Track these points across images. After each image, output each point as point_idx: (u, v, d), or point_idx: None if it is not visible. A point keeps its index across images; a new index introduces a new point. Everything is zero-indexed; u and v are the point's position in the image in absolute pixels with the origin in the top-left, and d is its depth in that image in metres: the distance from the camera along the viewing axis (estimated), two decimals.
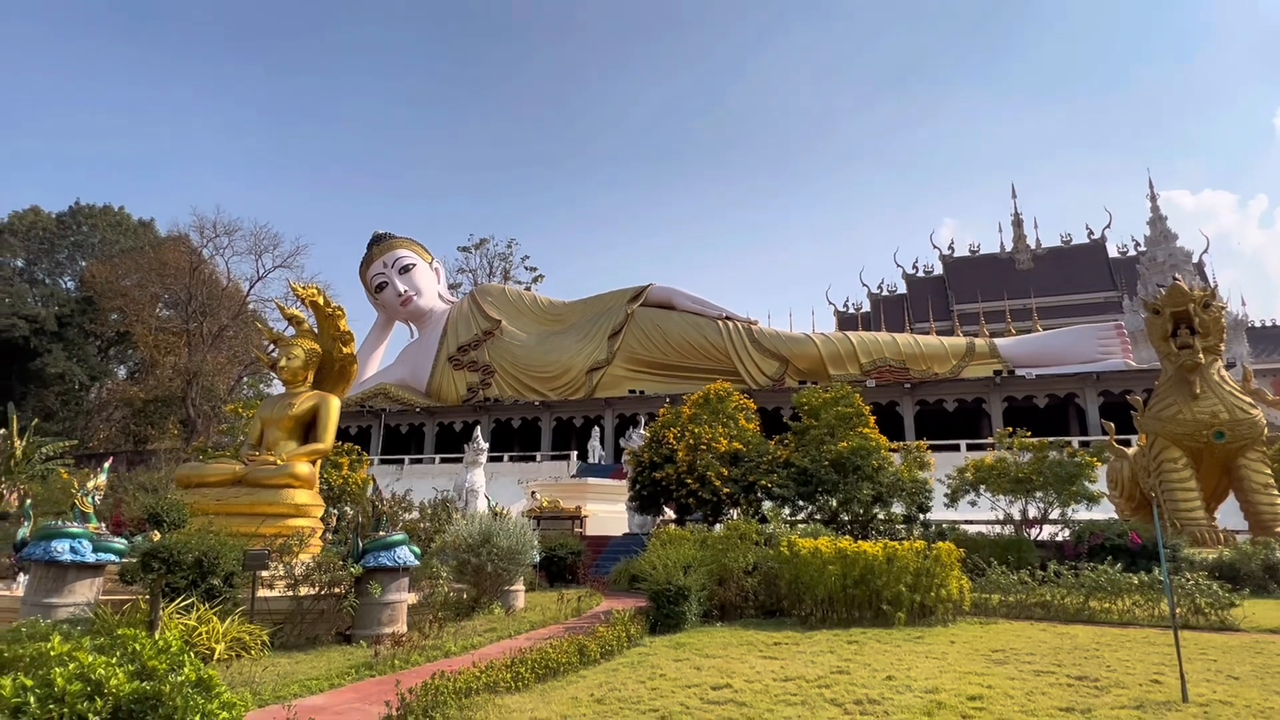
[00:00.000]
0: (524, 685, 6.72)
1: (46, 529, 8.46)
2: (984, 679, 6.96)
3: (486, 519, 13.27)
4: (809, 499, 17.82)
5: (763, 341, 40.46)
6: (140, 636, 3.36)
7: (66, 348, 55.52)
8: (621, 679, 7.13)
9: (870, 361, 38.47)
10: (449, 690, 5.91)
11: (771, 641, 9.24)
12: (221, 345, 54.60)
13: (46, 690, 2.84)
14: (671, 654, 8.52)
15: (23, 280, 59.95)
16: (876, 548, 11.17)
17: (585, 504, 24.05)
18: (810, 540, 11.73)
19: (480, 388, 45.47)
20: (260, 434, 13.12)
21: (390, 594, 9.63)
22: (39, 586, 8.14)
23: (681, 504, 19.06)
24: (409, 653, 8.22)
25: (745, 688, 6.67)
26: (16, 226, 60.57)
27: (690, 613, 10.67)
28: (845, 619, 10.82)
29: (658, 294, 44.74)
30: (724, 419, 19.95)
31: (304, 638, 9.31)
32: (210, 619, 8.20)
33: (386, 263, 50.36)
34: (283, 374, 13.38)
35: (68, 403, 55.61)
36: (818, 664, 7.76)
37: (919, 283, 56.64)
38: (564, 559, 17.69)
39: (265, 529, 11.09)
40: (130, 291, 54.10)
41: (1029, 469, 18.04)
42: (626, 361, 42.72)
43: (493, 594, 12.19)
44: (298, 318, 14.01)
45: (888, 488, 17.41)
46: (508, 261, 71.68)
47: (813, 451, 18.05)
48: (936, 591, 10.83)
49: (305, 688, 6.81)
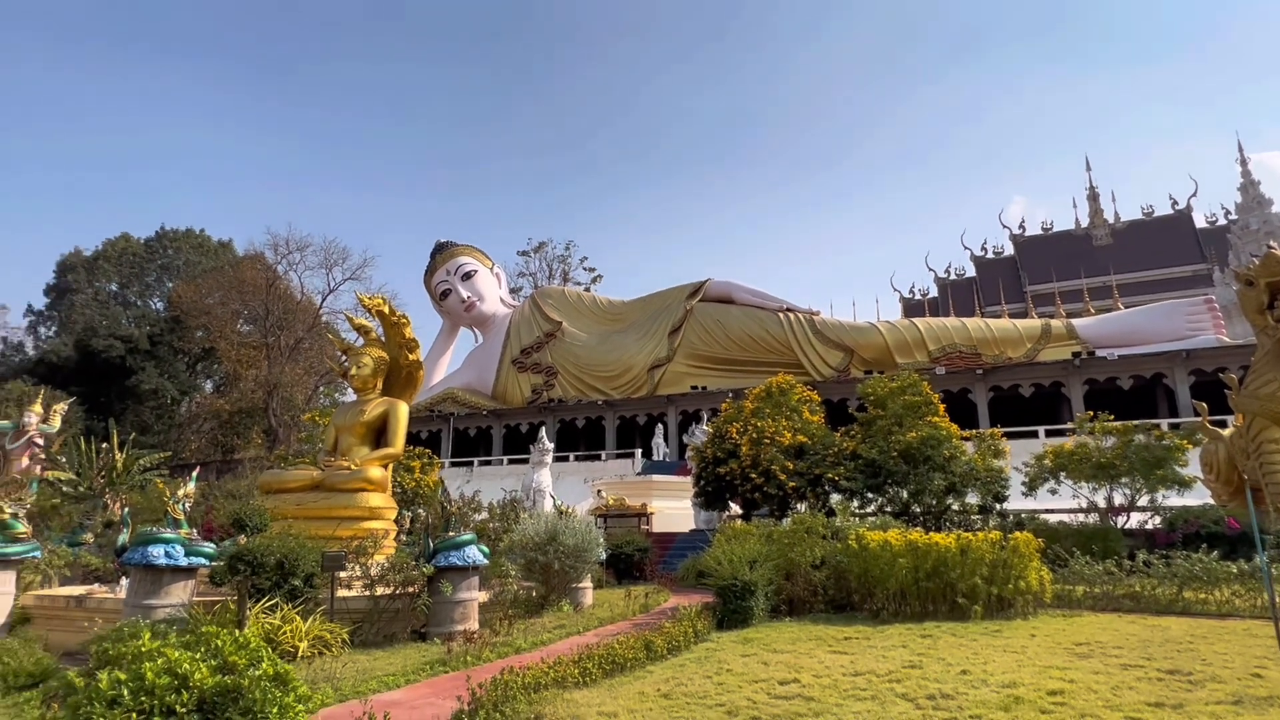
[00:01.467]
0: (592, 681, 6.79)
1: (143, 535, 9.00)
2: (1066, 673, 6.68)
3: (552, 518, 13.47)
4: (878, 491, 17.44)
5: (825, 332, 39.77)
6: (222, 633, 3.54)
7: (158, 365, 58.90)
8: (688, 674, 7.12)
9: (939, 348, 37.36)
10: (518, 685, 6.02)
11: (841, 636, 9.08)
12: (298, 357, 56.94)
13: (138, 684, 3.02)
14: (739, 649, 8.47)
15: (117, 303, 64.07)
16: (949, 539, 10.85)
17: (651, 501, 24.13)
18: (879, 533, 11.48)
19: (544, 389, 46.14)
20: (335, 440, 13.64)
21: (461, 592, 9.87)
22: (138, 589, 8.67)
23: (747, 499, 18.92)
24: (480, 649, 8.41)
25: (814, 683, 6.57)
26: (110, 253, 64.70)
27: (757, 608, 10.58)
28: (918, 613, 10.54)
29: (716, 289, 44.48)
30: (787, 412, 19.71)
31: (381, 635, 9.64)
32: (293, 618, 8.57)
33: (449, 270, 51.64)
34: (353, 382, 13.87)
35: (161, 416, 58.97)
36: (889, 659, 7.59)
37: (988, 265, 54.61)
38: (631, 556, 17.79)
39: (342, 531, 11.51)
40: (213, 309, 57.01)
41: (1113, 454, 17.18)
42: (687, 358, 42.63)
43: (561, 591, 12.36)
44: (366, 327, 14.51)
45: (961, 478, 16.87)
46: (566, 263, 72.49)
47: (880, 442, 17.64)
48: (1015, 583, 10.44)
49: (383, 683, 7.05)
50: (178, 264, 66.22)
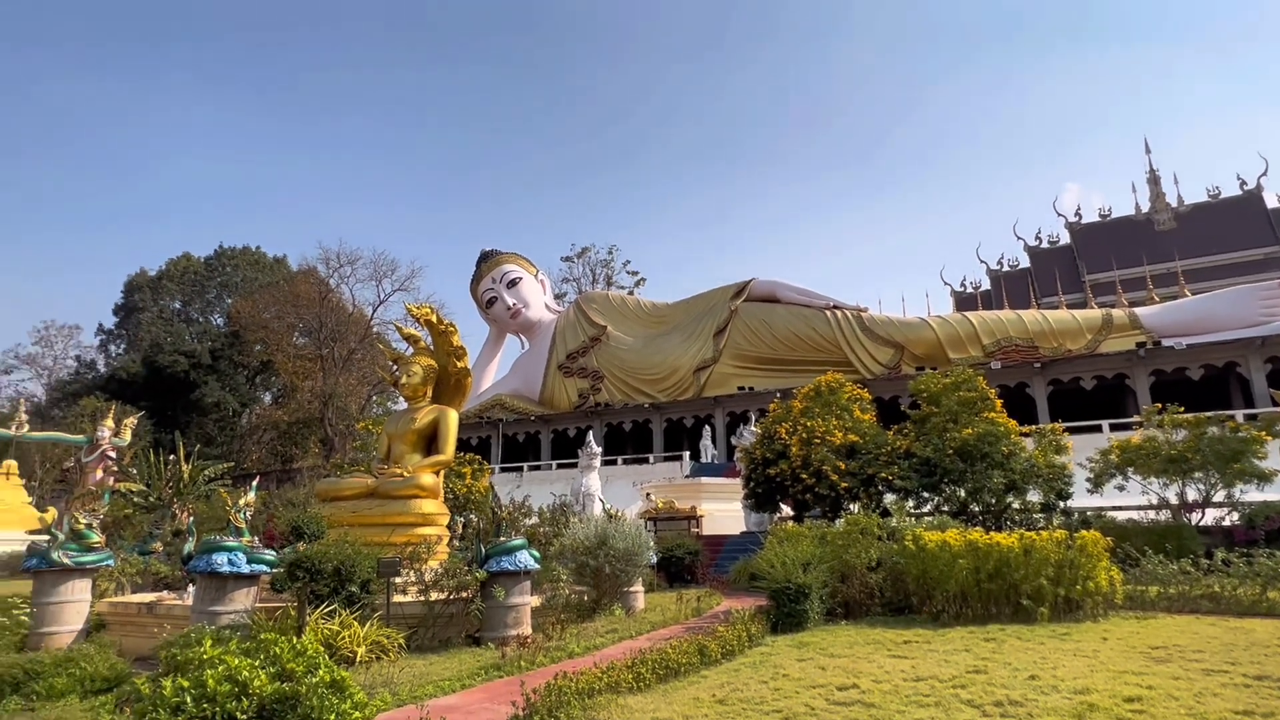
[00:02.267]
0: (645, 686, 6.73)
1: (207, 543, 9.29)
2: (1143, 679, 6.35)
3: (602, 522, 13.46)
4: (934, 490, 17.00)
5: (874, 329, 39.04)
6: (280, 641, 3.58)
7: (220, 379, 61.13)
8: (743, 679, 7.00)
9: (994, 342, 36.32)
10: (572, 691, 6.00)
11: (900, 640, 8.84)
12: (352, 367, 58.42)
13: (200, 691, 3.07)
14: (794, 653, 8.31)
15: (180, 320, 66.75)
16: (1011, 539, 10.49)
17: (700, 504, 23.99)
18: (937, 533, 11.17)
19: (591, 393, 46.35)
20: (388, 448, 13.88)
21: (514, 597, 9.92)
22: (203, 595, 8.94)
23: (798, 500, 18.64)
24: (534, 654, 8.43)
25: (873, 688, 6.39)
26: (172, 272, 67.49)
27: (812, 611, 10.38)
28: (981, 615, 10.20)
29: (761, 288, 44.09)
30: (837, 411, 19.37)
31: (436, 640, 9.74)
32: (351, 624, 8.72)
33: (494, 278, 52.32)
34: (403, 390, 14.11)
35: (224, 428, 61.14)
36: (952, 663, 7.34)
37: (1043, 254, 52.88)
38: (681, 559, 17.69)
39: (396, 538, 11.69)
40: (270, 323, 58.92)
41: (1184, 447, 16.42)
42: (733, 358, 42.33)
43: (612, 595, 12.34)
44: (414, 336, 14.75)
45: (1021, 475, 16.33)
46: (609, 267, 72.83)
47: (935, 440, 17.20)
48: (1083, 584, 10.03)
49: (439, 688, 7.11)
50: (236, 280, 68.68)
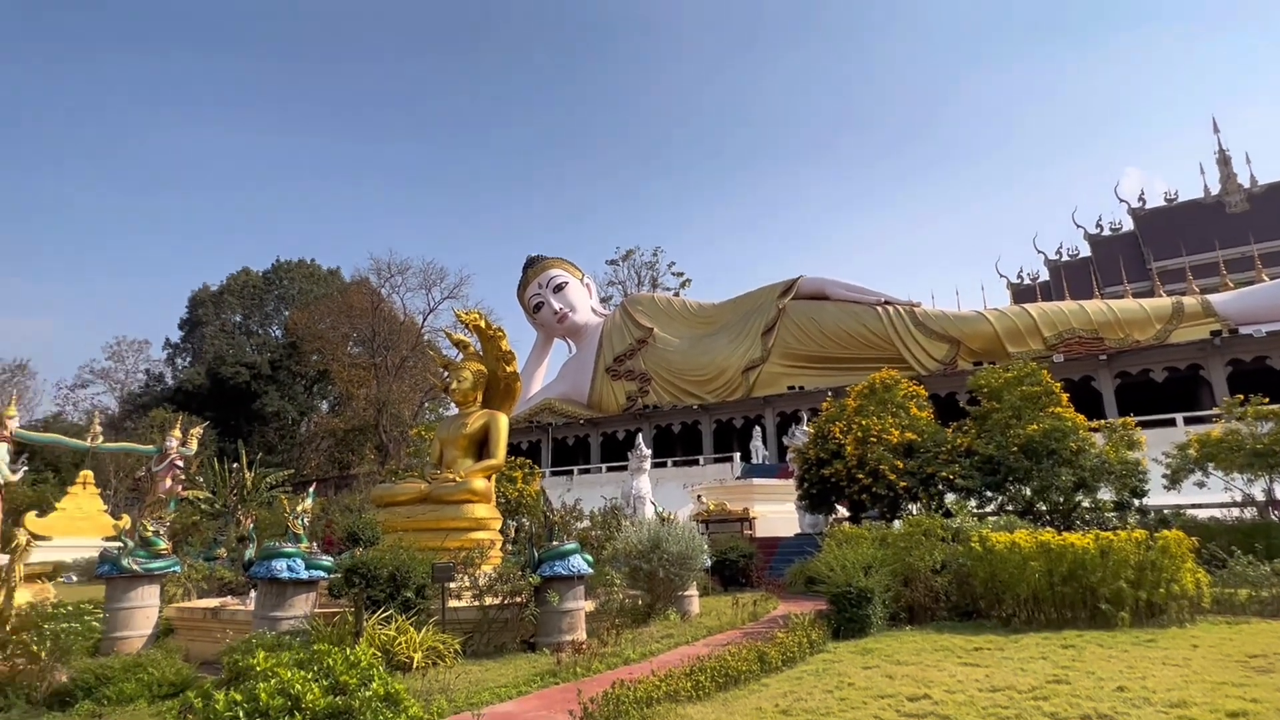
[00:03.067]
0: (705, 694, 6.52)
1: (267, 549, 9.41)
2: (1244, 690, 5.88)
3: (654, 525, 13.28)
4: (997, 489, 16.36)
5: (928, 324, 38.01)
6: (334, 652, 3.49)
7: (279, 388, 63.02)
8: (806, 688, 6.74)
9: (1055, 335, 34.98)
10: (630, 700, 5.84)
11: (971, 646, 8.43)
12: (404, 375, 59.56)
13: (253, 705, 2.99)
14: (859, 660, 7.99)
15: (241, 333, 69.09)
16: (1086, 539, 9.96)
17: (752, 505, 23.62)
18: (1005, 534, 10.68)
19: (639, 396, 46.26)
20: (440, 454, 13.97)
21: (568, 602, 9.82)
22: (264, 601, 9.06)
23: (854, 501, 18.17)
24: (590, 660, 8.29)
25: (947, 699, 6.06)
26: (233, 286, 69.94)
27: (875, 616, 10.02)
28: (1055, 620, 9.71)
29: (809, 285, 43.38)
30: (893, 409, 18.82)
31: (491, 645, 9.69)
32: (407, 629, 8.72)
33: (541, 283, 52.72)
34: (454, 396, 14.18)
35: (284, 436, 62.98)
36: (1029, 672, 6.94)
37: (1105, 242, 50.83)
38: (735, 562, 17.40)
39: (449, 543, 11.71)
40: (325, 333, 60.51)
41: (1271, 440, 15.42)
42: (782, 358, 41.73)
43: (667, 600, 12.15)
44: (464, 342, 14.83)
45: (1091, 472, 15.58)
46: (654, 269, 72.76)
47: (998, 437, 16.56)
48: (1166, 587, 9.46)
49: (495, 695, 7.02)
50: (292, 293, 70.81)
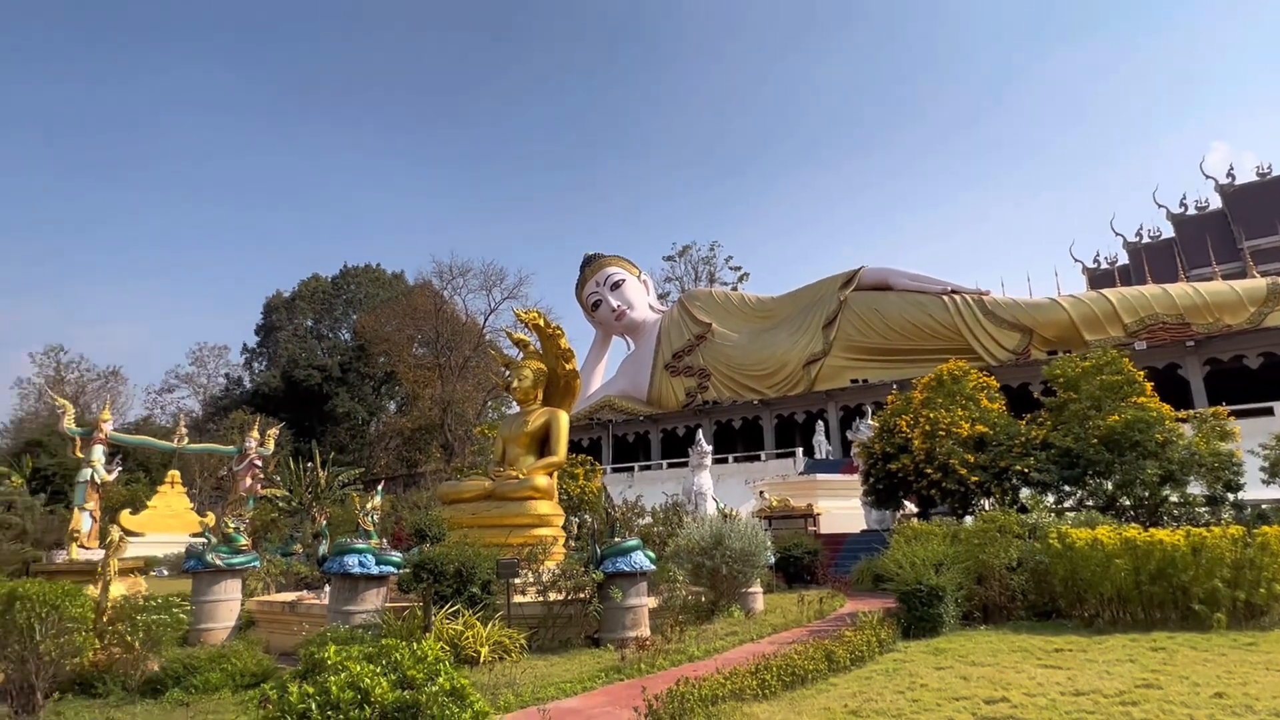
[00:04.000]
0: (771, 693, 6.42)
1: (339, 545, 9.72)
2: None
3: (717, 521, 13.18)
4: (1076, 483, 15.65)
5: (998, 312, 36.66)
6: (401, 647, 3.54)
7: (349, 390, 65.19)
8: (876, 688, 6.56)
9: (1137, 321, 33.27)
10: (695, 698, 5.79)
11: (1051, 648, 8.07)
12: (467, 375, 60.81)
13: (325, 697, 3.06)
14: (931, 660, 7.74)
15: (313, 337, 71.78)
16: (1176, 536, 9.41)
17: (816, 501, 23.24)
18: (1086, 530, 10.19)
19: (698, 391, 46.07)
20: (503, 451, 14.17)
21: (631, 598, 9.82)
22: (338, 596, 9.36)
23: (922, 496, 17.67)
24: (654, 656, 8.27)
25: (1026, 702, 5.80)
26: (304, 292, 72.70)
27: (947, 615, 9.70)
28: (1142, 621, 9.22)
29: (871, 276, 42.37)
30: (962, 401, 18.20)
31: (556, 641, 9.78)
32: (474, 624, 8.87)
33: (598, 281, 53.05)
34: (515, 394, 14.36)
35: (354, 436, 65.12)
36: (1115, 675, 6.59)
37: (1190, 222, 48.11)
38: (800, 559, 17.15)
39: (513, 539, 11.87)
40: (392, 336, 62.29)
41: None
42: (845, 350, 40.89)
43: (730, 596, 12.04)
44: (524, 341, 15.00)
45: (1179, 465, 14.74)
46: (712, 264, 72.24)
47: (1076, 429, 15.83)
48: (1268, 587, 8.87)
49: (560, 690, 7.07)
50: (359, 297, 73.16)
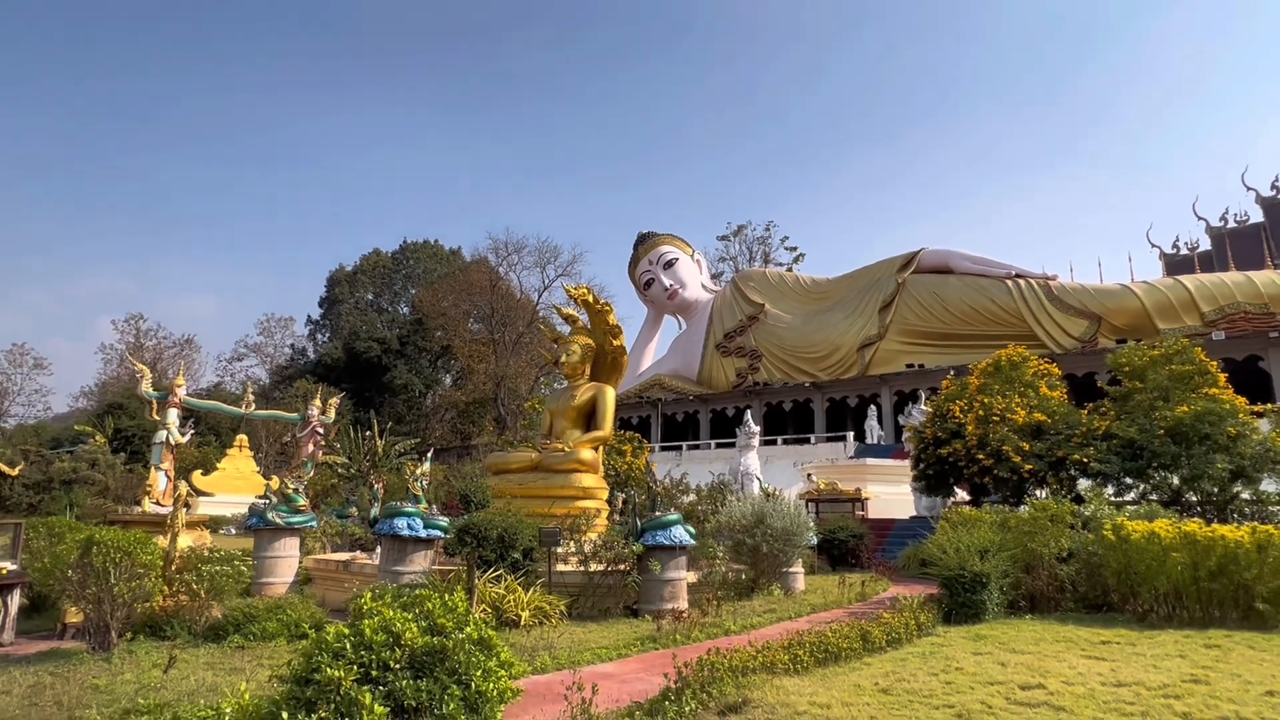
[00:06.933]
0: (802, 669, 6.44)
1: (389, 508, 10.09)
2: None
3: (759, 500, 13.20)
4: (1139, 476, 15.06)
5: (1065, 298, 35.33)
6: (433, 597, 3.71)
7: (407, 363, 66.98)
8: (910, 669, 6.52)
9: (1215, 309, 31.64)
10: (725, 668, 5.86)
11: (1098, 639, 7.87)
12: (520, 350, 61.76)
13: (359, 639, 3.23)
14: (969, 646, 7.64)
15: (373, 310, 73.80)
16: (1240, 532, 9.02)
17: (865, 486, 22.98)
18: (1143, 523, 9.84)
19: (749, 372, 45.81)
20: (550, 424, 14.43)
21: (669, 571, 9.95)
22: (388, 556, 9.73)
23: (974, 483, 17.28)
24: (690, 629, 8.38)
25: (1063, 690, 5.70)
26: (365, 267, 74.72)
27: (991, 602, 9.54)
28: (1199, 619, 8.89)
29: (931, 258, 41.26)
30: (1020, 387, 17.67)
31: (596, 609, 9.99)
32: (516, 589, 9.13)
33: (651, 260, 53.02)
34: (563, 369, 14.58)
35: (411, 407, 66.98)
36: (1162, 669, 6.40)
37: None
38: (845, 542, 17.04)
39: (557, 510, 12.12)
40: (448, 311, 63.66)
41: None
42: (901, 334, 40.04)
43: (770, 575, 12.07)
44: (573, 317, 15.19)
45: (1252, 460, 14.06)
46: (767, 245, 71.40)
47: (1141, 420, 15.22)
48: None
49: (596, 655, 7.25)
50: (418, 272, 74.88)
